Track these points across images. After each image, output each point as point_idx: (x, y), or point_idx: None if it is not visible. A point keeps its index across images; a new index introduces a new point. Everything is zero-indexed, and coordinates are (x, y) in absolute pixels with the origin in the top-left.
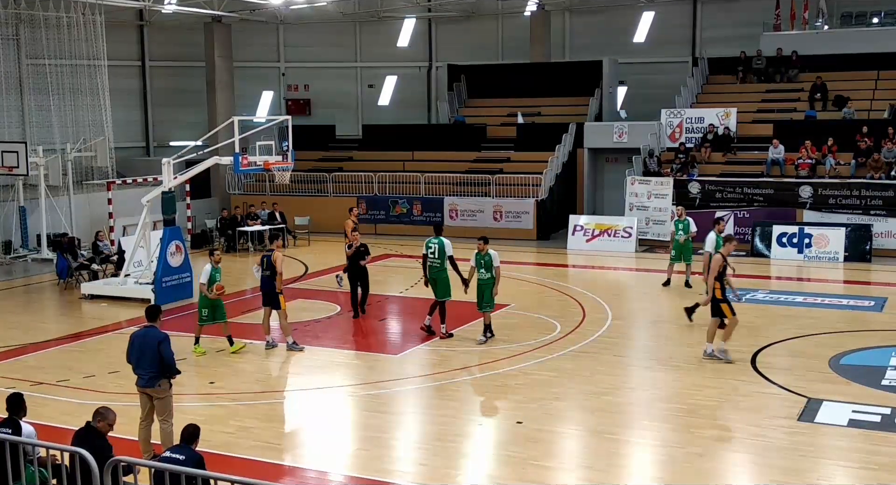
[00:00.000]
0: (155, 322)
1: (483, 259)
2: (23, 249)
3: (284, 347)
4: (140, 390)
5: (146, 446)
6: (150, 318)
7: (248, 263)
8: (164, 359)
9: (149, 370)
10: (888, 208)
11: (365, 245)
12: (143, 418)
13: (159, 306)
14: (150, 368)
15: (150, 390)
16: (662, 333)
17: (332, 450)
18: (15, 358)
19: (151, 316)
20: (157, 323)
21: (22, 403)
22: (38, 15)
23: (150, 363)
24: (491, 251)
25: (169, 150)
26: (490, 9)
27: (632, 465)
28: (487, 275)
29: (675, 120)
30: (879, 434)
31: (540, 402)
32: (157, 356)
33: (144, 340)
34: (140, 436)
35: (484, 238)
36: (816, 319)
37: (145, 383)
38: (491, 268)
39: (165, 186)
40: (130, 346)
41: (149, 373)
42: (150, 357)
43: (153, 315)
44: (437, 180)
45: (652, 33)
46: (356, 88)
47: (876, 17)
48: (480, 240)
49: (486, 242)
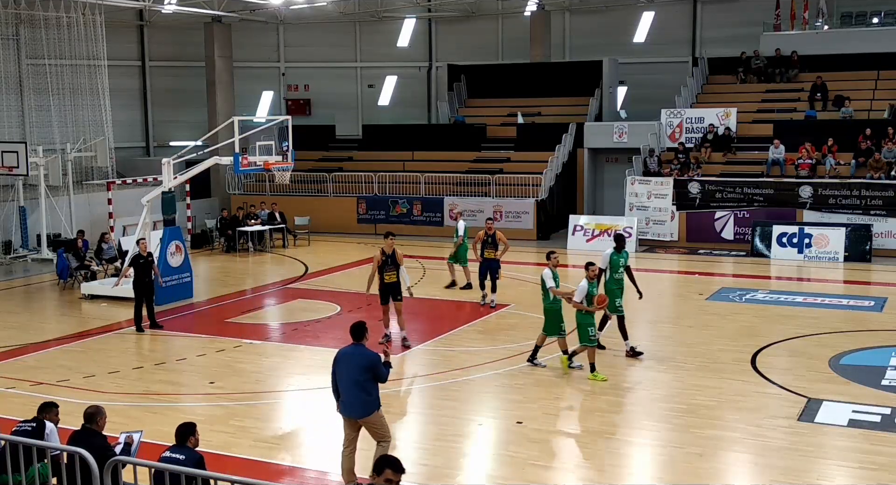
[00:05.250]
0: (360, 341)
1: (557, 277)
2: (23, 249)
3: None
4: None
5: (350, 476)
6: (356, 336)
7: (249, 264)
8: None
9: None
10: (888, 208)
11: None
12: (347, 445)
13: (364, 323)
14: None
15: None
16: (662, 334)
17: (332, 450)
18: (15, 358)
19: (357, 335)
20: (363, 341)
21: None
22: (38, 15)
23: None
24: (546, 270)
25: (169, 150)
26: (490, 9)
27: (632, 465)
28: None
29: (675, 120)
30: (879, 434)
31: (540, 402)
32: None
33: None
34: (345, 466)
35: (553, 252)
36: (816, 319)
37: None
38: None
39: (165, 186)
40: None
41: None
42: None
43: (359, 333)
44: (437, 180)
45: (652, 33)
46: (356, 88)
47: (876, 17)
48: (554, 255)
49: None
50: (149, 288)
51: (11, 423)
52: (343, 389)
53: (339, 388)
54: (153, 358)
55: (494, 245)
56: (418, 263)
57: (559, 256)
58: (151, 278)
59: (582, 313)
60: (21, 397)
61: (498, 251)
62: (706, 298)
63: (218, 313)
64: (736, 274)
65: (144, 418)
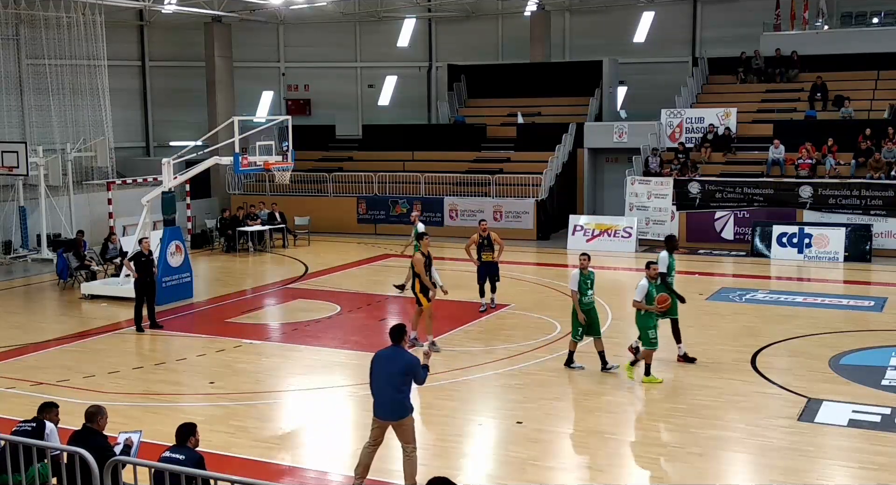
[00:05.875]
0: (399, 343)
1: (588, 279)
2: (23, 249)
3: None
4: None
5: (363, 472)
6: (395, 339)
7: (249, 264)
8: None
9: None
10: (888, 208)
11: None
12: (371, 443)
13: (404, 326)
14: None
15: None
16: (662, 334)
17: (332, 450)
18: (15, 358)
19: (396, 336)
20: (402, 344)
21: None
22: (38, 15)
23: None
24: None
25: (169, 150)
26: (490, 9)
27: (632, 465)
28: (593, 296)
29: (675, 120)
30: (879, 434)
31: (540, 402)
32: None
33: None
34: (362, 461)
35: (585, 254)
36: (816, 319)
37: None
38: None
39: (165, 186)
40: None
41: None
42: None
43: (398, 336)
44: (437, 180)
45: (652, 33)
46: (356, 88)
47: (876, 17)
48: (584, 256)
49: (589, 258)
50: (150, 287)
51: (11, 423)
52: (376, 390)
53: (373, 389)
54: (153, 358)
55: (491, 247)
56: None
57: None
58: (153, 277)
59: (641, 316)
60: (21, 397)
61: (495, 253)
62: (706, 298)
63: (218, 313)
64: (736, 274)
65: (144, 418)
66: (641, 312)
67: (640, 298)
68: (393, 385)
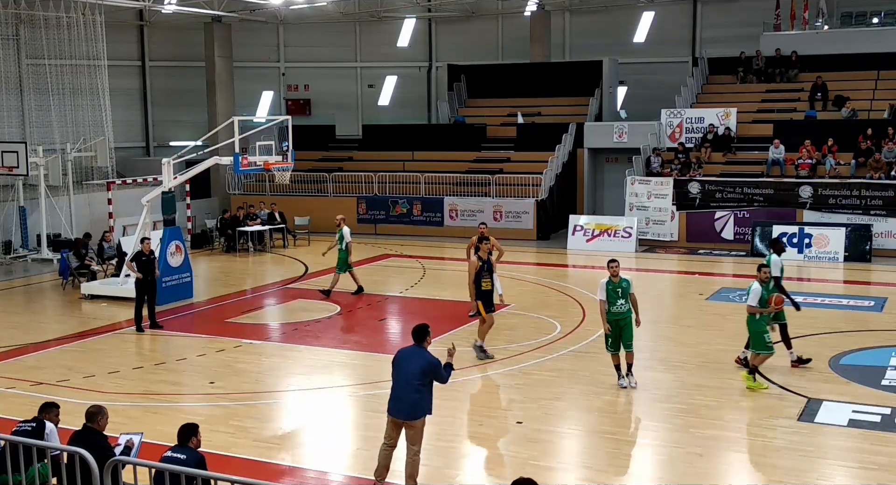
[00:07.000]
0: (421, 343)
1: (619, 287)
2: (23, 249)
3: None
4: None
5: (383, 472)
6: (417, 339)
7: (249, 264)
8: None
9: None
10: (888, 208)
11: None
12: (387, 442)
13: (427, 326)
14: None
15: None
16: (662, 334)
17: (332, 450)
18: (15, 358)
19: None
20: (423, 344)
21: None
22: (38, 15)
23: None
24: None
25: (169, 150)
26: (490, 9)
27: (632, 465)
28: (627, 306)
29: (675, 120)
30: (879, 434)
31: (540, 402)
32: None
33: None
34: (381, 461)
35: (615, 260)
36: (816, 319)
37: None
38: (628, 296)
39: (165, 186)
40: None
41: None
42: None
43: (421, 336)
44: (437, 180)
45: (652, 33)
46: (356, 88)
47: (876, 17)
48: (613, 263)
49: (619, 264)
50: (151, 287)
51: (11, 423)
52: (394, 387)
53: (393, 387)
54: (153, 358)
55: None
56: (419, 263)
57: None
58: (154, 277)
59: (755, 320)
60: (21, 397)
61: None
62: (706, 298)
63: (218, 313)
64: (736, 274)
65: (144, 418)
66: (756, 317)
67: (754, 302)
68: (410, 384)
